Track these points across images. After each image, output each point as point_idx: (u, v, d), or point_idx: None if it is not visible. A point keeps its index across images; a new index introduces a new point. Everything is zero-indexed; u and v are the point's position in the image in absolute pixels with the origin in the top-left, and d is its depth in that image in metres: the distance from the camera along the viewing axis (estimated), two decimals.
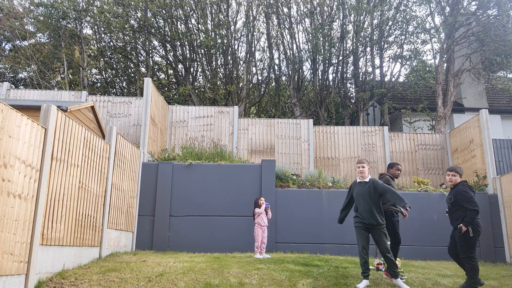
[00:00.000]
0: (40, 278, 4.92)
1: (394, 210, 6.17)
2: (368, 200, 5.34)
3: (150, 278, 5.26)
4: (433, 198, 9.55)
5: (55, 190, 5.27)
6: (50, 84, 18.31)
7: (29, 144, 4.70)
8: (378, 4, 15.48)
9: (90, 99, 12.25)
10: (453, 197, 5.38)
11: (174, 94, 18.47)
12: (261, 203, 7.80)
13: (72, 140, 5.78)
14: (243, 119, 12.44)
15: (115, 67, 18.69)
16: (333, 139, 12.47)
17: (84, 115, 9.18)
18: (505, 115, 15.56)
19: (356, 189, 5.51)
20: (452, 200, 5.41)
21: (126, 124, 12.23)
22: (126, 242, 8.21)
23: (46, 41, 19.11)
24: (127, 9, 15.66)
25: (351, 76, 17.94)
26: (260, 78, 19.60)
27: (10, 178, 4.31)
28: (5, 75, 20.23)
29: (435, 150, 12.38)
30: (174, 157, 10.26)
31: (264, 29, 17.64)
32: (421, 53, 16.60)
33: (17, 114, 4.45)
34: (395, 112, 15.91)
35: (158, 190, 9.07)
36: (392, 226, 6.07)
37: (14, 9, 19.35)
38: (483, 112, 10.48)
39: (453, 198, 5.38)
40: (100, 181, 6.78)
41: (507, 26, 14.21)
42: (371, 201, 5.33)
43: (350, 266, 6.61)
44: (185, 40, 15.92)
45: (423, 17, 16.29)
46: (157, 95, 11.04)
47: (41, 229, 4.93)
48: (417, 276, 6.16)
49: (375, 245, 5.59)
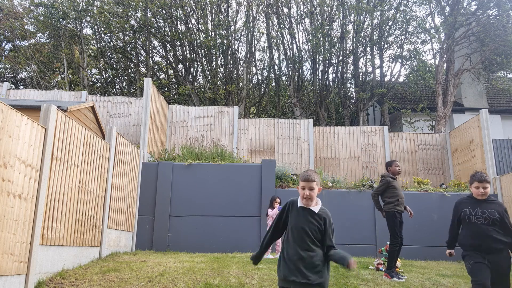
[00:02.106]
0: (40, 278, 4.92)
1: (397, 210, 5.99)
2: (309, 240, 2.84)
3: (150, 278, 5.26)
4: (433, 198, 9.54)
5: (55, 190, 5.27)
6: (50, 84, 18.31)
7: (29, 144, 4.70)
8: (378, 4, 15.48)
9: (90, 99, 12.25)
10: (497, 213, 3.88)
11: (174, 94, 18.47)
12: (276, 205, 7.77)
13: (72, 140, 5.77)
14: (243, 119, 12.44)
15: (115, 67, 18.68)
16: (333, 139, 12.47)
17: (84, 115, 9.18)
18: (505, 115, 15.55)
19: (294, 216, 2.93)
20: (496, 216, 3.87)
21: (126, 124, 12.22)
22: (126, 242, 8.21)
23: (46, 41, 19.11)
24: (127, 9, 15.65)
25: (351, 76, 17.94)
26: (260, 78, 19.61)
27: (10, 178, 4.31)
28: (5, 75, 20.23)
29: (435, 150, 12.38)
30: (174, 157, 10.26)
31: (264, 29, 17.65)
32: (421, 53, 16.63)
33: (17, 114, 4.45)
34: (395, 112, 15.90)
35: (158, 190, 9.07)
36: (392, 224, 5.96)
37: (14, 9, 19.35)
38: (483, 112, 10.48)
39: (497, 214, 3.88)
40: (100, 181, 6.78)
41: (507, 26, 14.21)
42: (312, 243, 2.83)
43: None
44: (185, 40, 15.92)
45: (423, 17, 16.29)
46: (157, 95, 11.04)
47: (41, 229, 4.93)
48: (417, 276, 6.16)
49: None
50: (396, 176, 6.31)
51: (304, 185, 2.84)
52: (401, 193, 6.19)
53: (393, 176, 6.28)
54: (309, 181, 2.83)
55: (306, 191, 2.82)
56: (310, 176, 2.84)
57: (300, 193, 2.87)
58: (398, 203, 6.05)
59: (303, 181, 2.85)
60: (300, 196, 2.89)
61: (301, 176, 2.91)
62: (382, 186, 6.21)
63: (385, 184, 6.17)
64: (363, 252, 8.68)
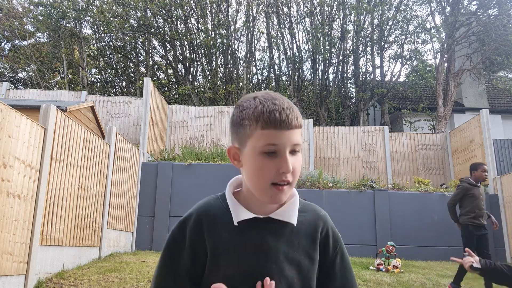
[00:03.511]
0: (40, 278, 4.90)
1: (474, 224, 5.21)
2: (290, 272, 1.00)
3: (149, 279, 5.24)
4: (433, 198, 9.52)
5: (54, 190, 5.25)
6: (49, 84, 18.29)
7: (29, 144, 4.67)
8: (378, 3, 15.46)
9: (89, 99, 12.22)
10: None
11: (174, 94, 18.44)
12: None
13: (72, 140, 5.75)
14: None
15: (114, 67, 18.66)
16: (333, 139, 12.44)
17: (83, 115, 9.16)
18: (506, 115, 15.54)
19: (253, 236, 1.01)
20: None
21: (125, 124, 12.20)
22: (126, 242, 8.19)
23: (46, 41, 19.08)
24: (126, 8, 15.63)
25: (351, 76, 17.92)
26: (260, 78, 19.58)
27: (10, 178, 4.29)
28: (4, 75, 20.20)
29: (435, 150, 12.36)
30: (174, 157, 10.24)
31: (264, 28, 17.63)
32: (422, 53, 16.61)
33: (17, 114, 4.43)
34: (395, 112, 15.88)
35: (158, 190, 9.05)
36: (465, 240, 5.20)
37: (13, 8, 19.32)
38: (484, 112, 10.46)
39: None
40: (100, 181, 6.76)
41: (508, 26, 14.20)
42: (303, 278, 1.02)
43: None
44: (185, 39, 15.90)
45: (423, 16, 16.29)
46: (157, 95, 11.01)
47: (41, 229, 4.91)
48: (418, 277, 6.14)
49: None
50: (479, 183, 5.44)
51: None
52: (481, 204, 5.36)
53: (474, 182, 5.42)
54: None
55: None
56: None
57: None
58: (476, 215, 5.27)
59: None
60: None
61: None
62: (458, 194, 5.48)
63: (462, 191, 5.43)
64: (363, 252, 8.66)
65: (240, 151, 0.99)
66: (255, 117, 0.94)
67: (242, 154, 0.99)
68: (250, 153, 0.95)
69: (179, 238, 1.05)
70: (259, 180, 0.95)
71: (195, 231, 1.02)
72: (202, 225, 1.03)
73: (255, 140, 0.94)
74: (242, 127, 0.96)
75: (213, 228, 1.02)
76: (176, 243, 1.04)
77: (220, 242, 1.00)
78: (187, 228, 1.04)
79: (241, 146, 0.98)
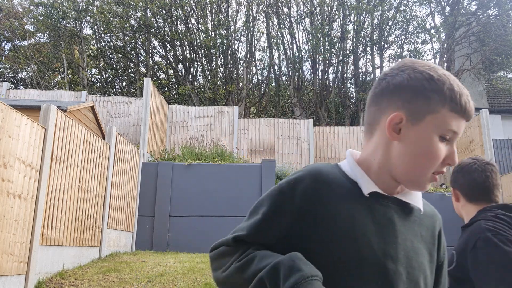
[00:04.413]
0: (40, 278, 4.91)
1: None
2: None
3: (150, 278, 5.25)
4: (433, 198, 9.53)
5: (55, 190, 5.26)
6: (49, 84, 18.29)
7: (29, 144, 4.68)
8: (378, 4, 15.47)
9: (90, 99, 12.23)
10: None
11: (174, 94, 18.46)
12: None
13: (72, 140, 5.76)
14: (243, 119, 12.42)
15: (115, 67, 18.67)
16: (333, 139, 12.45)
17: (84, 115, 9.17)
18: (506, 115, 15.55)
19: (359, 221, 0.85)
20: None
21: (126, 124, 12.21)
22: (126, 242, 8.20)
23: (46, 41, 19.09)
24: (127, 9, 15.64)
25: (351, 76, 17.94)
26: (260, 78, 19.59)
27: (10, 178, 4.30)
28: (4, 75, 20.21)
29: None
30: (174, 157, 10.25)
31: (264, 29, 17.64)
32: (422, 53, 16.59)
33: (17, 114, 4.44)
34: None
35: (158, 190, 9.06)
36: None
37: (14, 9, 19.34)
38: (484, 112, 10.47)
39: None
40: (100, 181, 6.77)
41: (507, 26, 14.21)
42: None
43: None
44: (185, 40, 15.91)
45: (423, 17, 16.30)
46: (157, 95, 11.02)
47: (41, 229, 4.92)
48: None
49: None
50: None
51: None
52: None
53: None
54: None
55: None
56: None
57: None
58: None
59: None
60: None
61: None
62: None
63: None
64: None
65: (408, 124, 0.84)
66: (450, 96, 0.82)
67: (409, 128, 0.84)
68: (426, 131, 0.83)
69: (288, 196, 0.87)
70: (425, 162, 0.84)
71: (308, 196, 0.85)
72: (317, 191, 0.86)
73: (439, 120, 0.82)
74: (425, 98, 0.82)
75: (332, 196, 0.86)
76: (284, 202, 0.87)
77: (340, 213, 0.84)
78: (299, 189, 0.86)
79: (413, 119, 0.83)
